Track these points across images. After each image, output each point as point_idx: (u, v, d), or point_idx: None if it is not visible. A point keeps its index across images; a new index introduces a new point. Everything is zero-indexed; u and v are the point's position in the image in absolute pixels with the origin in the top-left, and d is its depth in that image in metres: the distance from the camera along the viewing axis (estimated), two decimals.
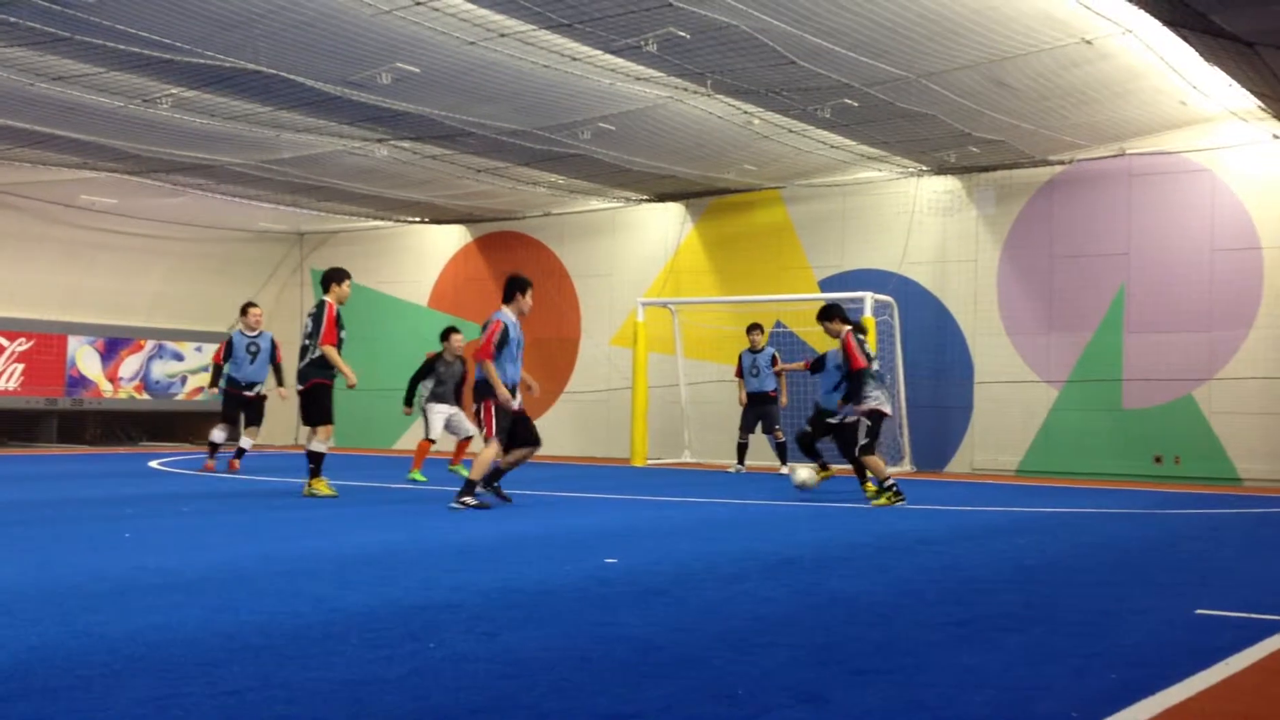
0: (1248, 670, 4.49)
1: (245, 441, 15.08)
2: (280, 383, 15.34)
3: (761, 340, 16.71)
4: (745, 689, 4.03)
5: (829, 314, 11.95)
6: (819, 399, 13.10)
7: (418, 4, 10.55)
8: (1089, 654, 4.71)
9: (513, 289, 10.74)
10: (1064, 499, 12.71)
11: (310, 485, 11.46)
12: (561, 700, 3.85)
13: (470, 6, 10.67)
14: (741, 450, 16.92)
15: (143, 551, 7.50)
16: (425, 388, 14.13)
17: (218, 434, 15.19)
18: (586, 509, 11.21)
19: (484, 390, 10.53)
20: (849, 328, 11.86)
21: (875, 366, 11.92)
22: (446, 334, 14.39)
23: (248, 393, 14.95)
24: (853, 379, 11.59)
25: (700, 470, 17.44)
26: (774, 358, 16.48)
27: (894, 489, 11.41)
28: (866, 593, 6.26)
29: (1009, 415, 16.93)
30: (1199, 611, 5.77)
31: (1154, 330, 16.11)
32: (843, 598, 6.07)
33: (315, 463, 11.47)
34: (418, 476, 13.74)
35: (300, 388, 11.54)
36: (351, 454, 19.49)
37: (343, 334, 11.46)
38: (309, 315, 11.63)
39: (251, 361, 14.93)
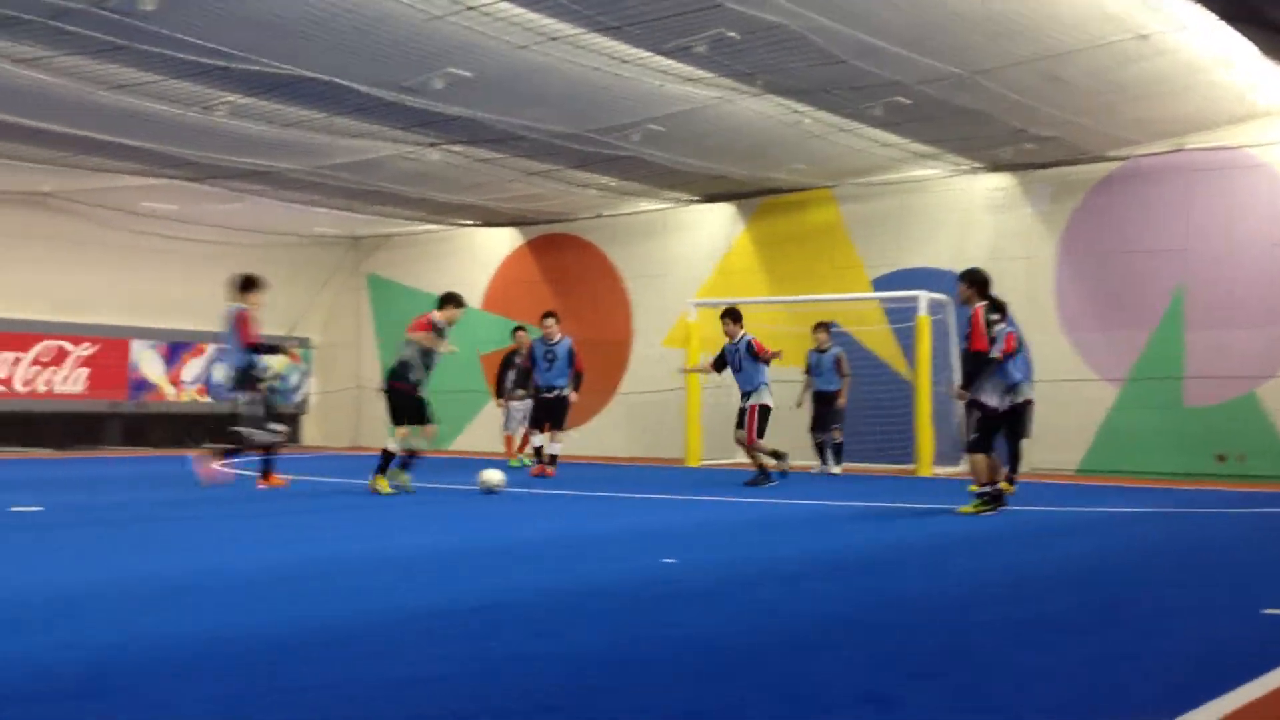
0: None
1: (555, 446, 15.54)
2: (576, 389, 15.76)
3: (826, 339, 16.53)
4: (809, 690, 4.03)
5: (970, 279, 10.52)
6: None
7: (469, 9, 10.62)
8: (1155, 654, 4.66)
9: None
10: (1125, 498, 12.55)
11: (399, 475, 12.08)
12: (626, 699, 3.87)
13: (521, 11, 10.72)
14: (821, 449, 16.67)
15: (207, 551, 7.61)
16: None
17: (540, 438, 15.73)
18: (642, 509, 11.23)
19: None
20: (984, 303, 10.31)
21: (995, 353, 10.28)
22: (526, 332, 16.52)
23: (547, 395, 15.62)
24: (965, 361, 10.53)
25: (754, 471, 17.36)
26: (838, 359, 16.28)
27: (986, 498, 10.20)
28: (926, 594, 6.22)
29: (1068, 414, 16.69)
30: (1266, 611, 5.69)
31: (1214, 327, 15.86)
32: (902, 598, 6.04)
33: (409, 456, 12.17)
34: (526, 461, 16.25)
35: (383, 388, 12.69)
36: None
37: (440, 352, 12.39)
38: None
39: (549, 368, 15.62)
